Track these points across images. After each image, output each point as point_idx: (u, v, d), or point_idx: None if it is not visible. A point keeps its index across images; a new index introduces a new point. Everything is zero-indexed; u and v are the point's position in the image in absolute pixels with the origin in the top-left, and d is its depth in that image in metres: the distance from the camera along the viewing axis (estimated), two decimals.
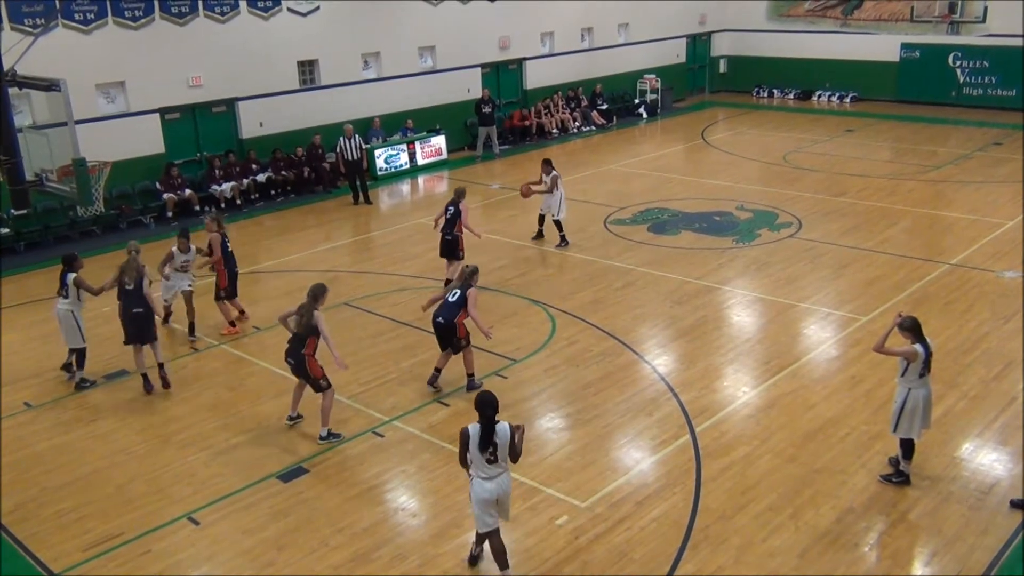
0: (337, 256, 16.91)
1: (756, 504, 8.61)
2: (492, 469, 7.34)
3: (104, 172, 13.05)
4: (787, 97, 32.84)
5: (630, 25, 30.60)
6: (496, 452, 7.27)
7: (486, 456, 7.27)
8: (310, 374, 9.93)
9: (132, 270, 11.31)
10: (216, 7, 20.24)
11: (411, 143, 23.72)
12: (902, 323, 8.51)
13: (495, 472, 7.37)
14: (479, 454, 7.26)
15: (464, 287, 10.80)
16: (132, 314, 11.30)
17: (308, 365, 9.90)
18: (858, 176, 21.05)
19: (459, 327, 10.79)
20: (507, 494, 7.52)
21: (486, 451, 7.25)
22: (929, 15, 29.40)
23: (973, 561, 7.74)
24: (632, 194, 20.23)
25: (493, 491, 7.37)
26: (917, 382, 8.52)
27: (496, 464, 7.34)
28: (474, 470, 7.38)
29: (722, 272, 15.03)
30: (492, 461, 7.31)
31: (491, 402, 7.26)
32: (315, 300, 9.93)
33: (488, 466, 7.33)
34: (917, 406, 8.53)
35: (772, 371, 11.41)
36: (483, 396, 7.33)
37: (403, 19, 23.85)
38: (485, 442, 7.23)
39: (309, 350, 9.89)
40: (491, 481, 7.36)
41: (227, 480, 9.40)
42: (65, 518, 8.88)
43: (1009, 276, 14.24)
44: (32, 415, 11.08)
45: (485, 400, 7.28)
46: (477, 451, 7.26)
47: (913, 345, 8.44)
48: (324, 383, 10.00)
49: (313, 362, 9.94)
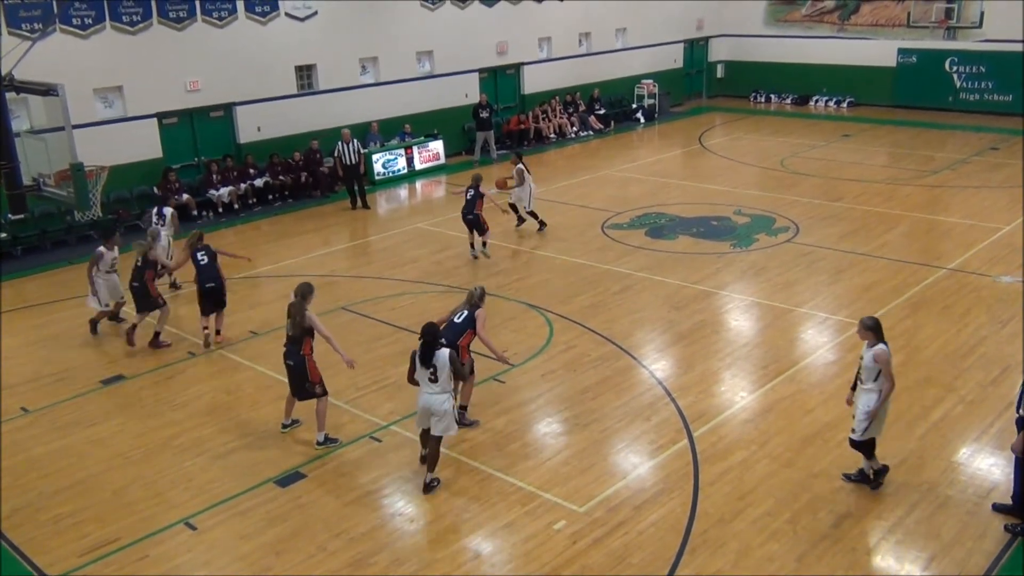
0: (335, 261, 16.91)
1: (754, 509, 8.61)
2: (432, 387, 8.85)
3: (101, 177, 13.12)
4: (784, 102, 32.90)
5: (628, 30, 30.66)
6: (436, 373, 8.80)
7: (427, 375, 8.81)
8: (308, 376, 9.87)
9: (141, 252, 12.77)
10: (214, 12, 20.26)
11: (409, 148, 23.74)
12: (864, 321, 8.65)
13: (435, 390, 8.85)
14: (423, 371, 8.85)
15: (472, 308, 10.04)
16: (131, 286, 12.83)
17: (308, 367, 9.86)
18: (855, 181, 21.08)
19: (463, 351, 9.89)
20: (443, 412, 8.91)
21: (427, 370, 8.80)
22: (926, 20, 29.47)
23: (971, 565, 7.74)
24: (630, 199, 20.25)
25: (426, 404, 8.91)
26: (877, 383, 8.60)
27: (436, 383, 8.83)
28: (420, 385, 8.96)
29: (719, 276, 15.04)
30: (433, 380, 8.81)
31: (430, 331, 8.91)
32: (304, 299, 9.88)
33: (429, 384, 8.85)
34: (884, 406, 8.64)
35: (770, 376, 11.41)
36: (425, 326, 8.95)
37: (401, 24, 23.89)
38: (425, 362, 8.80)
39: (307, 350, 9.87)
40: (430, 396, 8.88)
41: (224, 485, 9.39)
42: (62, 523, 8.86)
43: (1006, 281, 14.26)
44: (29, 420, 11.05)
45: (426, 329, 8.92)
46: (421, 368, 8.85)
47: (883, 348, 8.53)
48: (319, 389, 9.94)
49: (312, 364, 9.90)
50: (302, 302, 9.85)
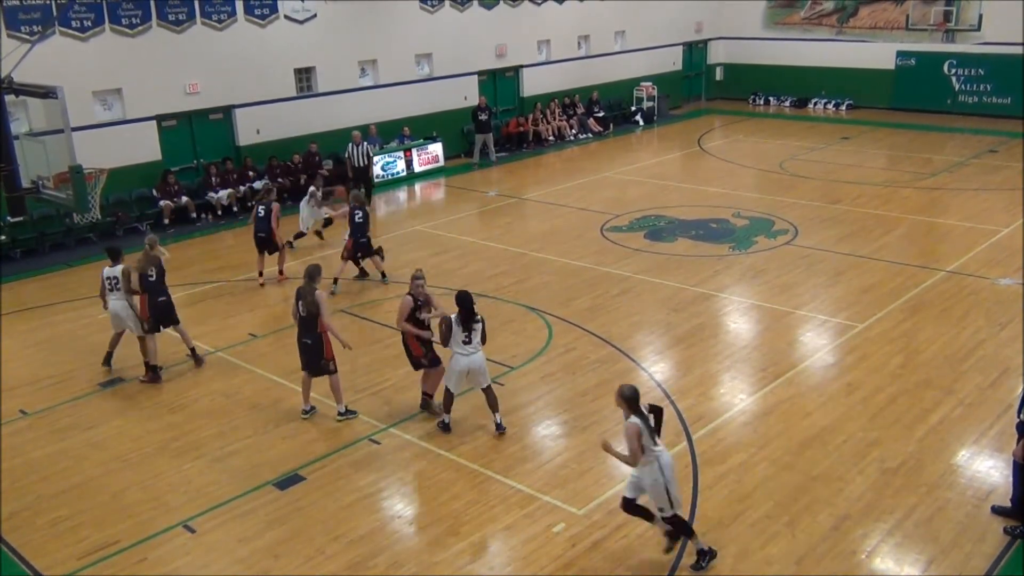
0: (334, 262, 16.88)
1: (753, 512, 8.60)
2: (469, 348, 9.81)
3: (101, 179, 13.09)
4: (783, 105, 32.92)
5: (626, 33, 30.68)
6: (472, 336, 9.78)
7: (464, 337, 9.76)
8: (323, 353, 10.40)
9: (151, 263, 11.84)
10: (213, 15, 20.27)
11: (408, 150, 23.73)
12: (620, 390, 7.51)
13: (473, 350, 9.84)
14: (461, 335, 9.74)
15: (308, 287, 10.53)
16: (156, 303, 11.87)
17: (324, 343, 10.40)
18: (854, 183, 21.09)
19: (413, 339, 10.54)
20: (485, 365, 10.01)
21: (465, 333, 9.75)
22: (925, 23, 29.49)
23: (970, 568, 7.73)
24: (629, 201, 20.25)
25: (467, 365, 9.86)
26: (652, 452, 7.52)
27: (471, 344, 9.80)
28: (454, 348, 9.83)
29: (718, 279, 15.05)
30: (467, 342, 9.77)
31: (469, 298, 9.84)
32: (312, 279, 10.43)
33: (465, 346, 9.79)
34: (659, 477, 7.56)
35: (768, 378, 11.41)
36: (463, 294, 9.80)
37: (400, 26, 23.90)
38: (467, 326, 9.74)
39: (322, 328, 10.39)
40: (474, 355, 9.85)
41: (223, 488, 9.38)
42: (60, 526, 8.85)
43: (1005, 283, 14.27)
44: (27, 423, 11.05)
45: (465, 296, 9.80)
46: (458, 332, 9.73)
47: (633, 422, 7.42)
48: (332, 366, 10.48)
49: (328, 340, 10.45)
50: (311, 283, 10.37)
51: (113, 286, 11.88)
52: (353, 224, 14.76)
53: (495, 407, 10.18)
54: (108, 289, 11.93)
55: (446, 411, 10.24)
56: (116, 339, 12.29)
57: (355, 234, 14.78)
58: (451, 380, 10.08)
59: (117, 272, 11.86)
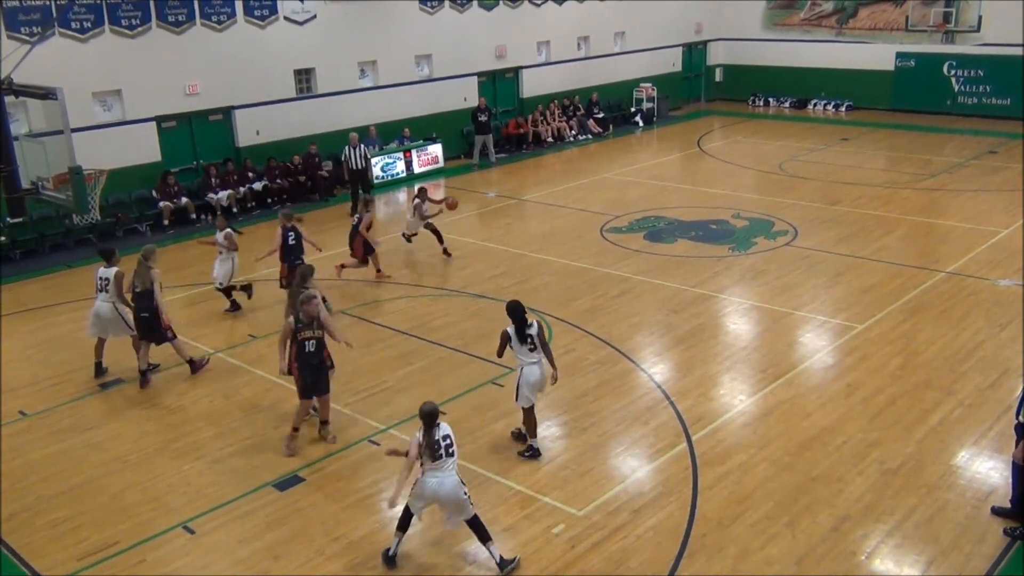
0: (332, 264, 16.88)
1: (753, 512, 8.60)
2: (535, 355, 9.44)
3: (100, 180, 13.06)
4: (783, 106, 32.93)
5: (626, 34, 30.69)
6: (534, 342, 9.40)
7: (527, 347, 9.39)
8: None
9: (137, 276, 11.58)
10: (213, 16, 20.28)
11: (407, 151, 23.74)
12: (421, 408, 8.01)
13: (538, 358, 9.45)
14: (522, 347, 9.39)
15: None
16: (138, 316, 11.68)
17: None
18: (854, 184, 21.10)
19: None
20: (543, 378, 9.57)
21: (525, 344, 9.38)
22: (924, 24, 29.50)
23: (970, 569, 7.73)
24: (628, 202, 20.25)
25: (541, 373, 9.47)
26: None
27: (536, 351, 9.43)
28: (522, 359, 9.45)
29: (718, 280, 15.05)
30: (533, 350, 9.42)
31: (521, 307, 9.49)
32: (304, 280, 10.52)
33: (532, 354, 9.42)
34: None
35: (768, 379, 11.41)
36: (515, 304, 9.48)
37: (400, 28, 23.90)
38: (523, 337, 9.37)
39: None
40: (537, 366, 9.45)
41: (222, 489, 9.37)
42: (60, 527, 8.84)
43: (1004, 284, 14.27)
44: (27, 424, 11.04)
45: (517, 307, 9.46)
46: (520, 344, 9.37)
47: (415, 437, 7.89)
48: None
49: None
50: (302, 282, 10.49)
51: (103, 287, 11.76)
52: (286, 247, 13.67)
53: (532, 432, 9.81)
54: (98, 289, 11.85)
55: (532, 435, 9.75)
56: (99, 347, 12.15)
57: (289, 257, 13.66)
58: (530, 394, 9.57)
59: (110, 274, 11.72)
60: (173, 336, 11.96)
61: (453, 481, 7.77)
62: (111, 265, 11.81)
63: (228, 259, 14.09)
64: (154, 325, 11.67)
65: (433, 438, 7.79)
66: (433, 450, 7.76)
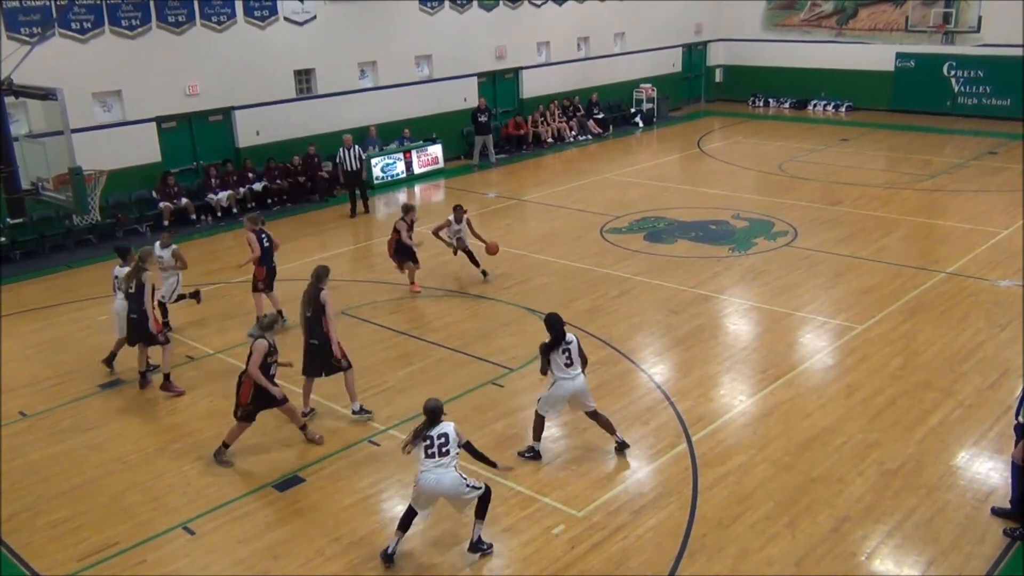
0: (333, 265, 16.63)
1: (753, 513, 8.60)
2: (572, 371, 9.25)
3: (100, 181, 13.07)
4: (783, 106, 32.93)
5: (626, 34, 30.69)
6: (571, 356, 9.23)
7: (565, 360, 9.18)
8: (333, 353, 10.37)
9: (132, 276, 11.43)
10: (213, 16, 20.28)
11: (407, 152, 23.74)
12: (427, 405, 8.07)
13: (574, 373, 9.25)
14: (561, 358, 9.18)
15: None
16: (129, 317, 11.52)
17: (332, 343, 10.37)
18: (853, 185, 21.10)
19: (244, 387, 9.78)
20: (583, 391, 9.37)
21: (564, 355, 9.19)
22: (924, 25, 29.51)
23: (970, 569, 7.73)
24: (628, 203, 20.26)
25: (571, 389, 9.24)
26: None
27: (573, 366, 9.23)
28: (556, 373, 9.24)
29: (718, 281, 15.05)
30: (570, 364, 9.22)
31: (559, 319, 9.36)
32: (319, 280, 10.46)
33: (568, 369, 9.22)
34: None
35: (768, 380, 11.41)
36: (554, 317, 9.35)
37: (400, 28, 23.91)
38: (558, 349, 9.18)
39: (327, 327, 10.37)
40: (571, 381, 9.23)
41: (222, 489, 9.38)
42: (60, 527, 8.84)
43: (1004, 285, 14.27)
44: (27, 424, 11.04)
45: (556, 319, 9.33)
46: (558, 357, 9.17)
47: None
48: (345, 363, 10.46)
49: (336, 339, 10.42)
50: (317, 282, 10.41)
51: (119, 285, 11.86)
52: (262, 251, 13.12)
53: (611, 428, 9.68)
54: (115, 288, 11.93)
55: (536, 439, 9.68)
56: (120, 343, 12.16)
57: (265, 260, 13.19)
58: (550, 407, 9.47)
59: (123, 273, 11.80)
60: (165, 341, 11.65)
61: (451, 477, 7.82)
62: (126, 264, 11.84)
63: (173, 275, 13.30)
64: (143, 326, 11.45)
65: (426, 433, 7.91)
66: (425, 445, 7.89)
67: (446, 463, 7.85)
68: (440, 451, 7.87)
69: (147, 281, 11.36)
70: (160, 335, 11.59)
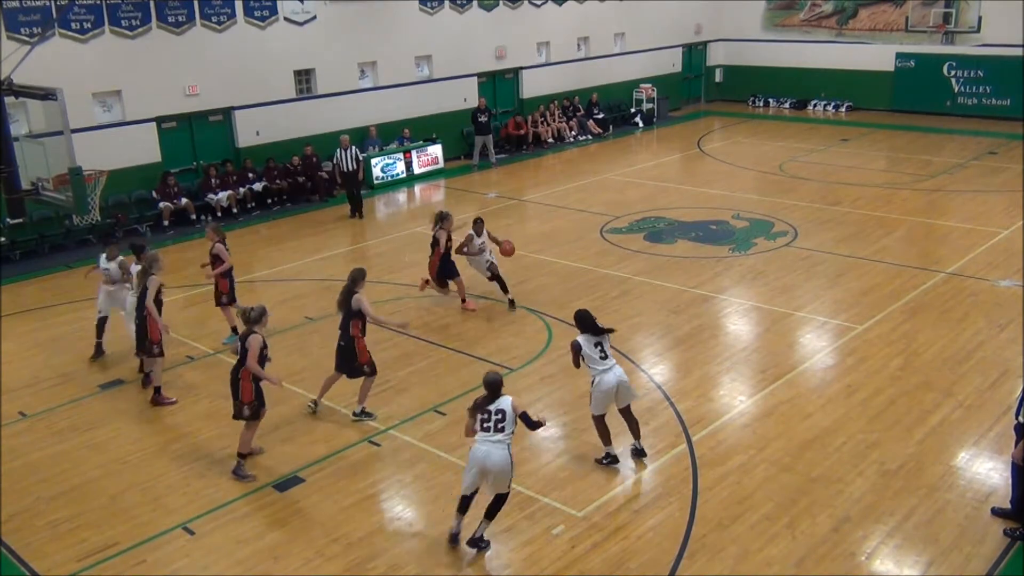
0: (333, 265, 16.89)
1: (753, 513, 8.60)
2: (608, 362, 9.20)
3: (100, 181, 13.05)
4: (782, 107, 32.93)
5: (626, 35, 30.69)
6: (604, 349, 9.21)
7: (599, 354, 9.14)
8: (357, 357, 10.41)
9: (140, 280, 11.36)
10: (213, 16, 20.28)
11: (407, 152, 23.74)
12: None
13: (611, 364, 9.21)
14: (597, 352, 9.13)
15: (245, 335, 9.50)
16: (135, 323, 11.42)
17: (357, 348, 10.40)
18: (853, 185, 21.10)
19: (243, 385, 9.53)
20: (625, 381, 9.32)
21: (596, 348, 9.14)
22: (924, 25, 29.52)
23: (970, 570, 7.73)
24: (628, 203, 20.26)
25: (614, 380, 9.15)
26: None
27: (608, 358, 9.21)
28: (594, 368, 9.18)
29: (718, 281, 15.05)
30: (604, 357, 9.18)
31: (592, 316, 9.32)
32: (354, 283, 10.45)
33: (604, 361, 9.16)
34: None
35: (768, 380, 11.41)
36: (586, 314, 9.30)
37: (399, 28, 23.91)
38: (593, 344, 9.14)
39: (356, 331, 10.37)
40: (610, 372, 9.15)
41: (222, 490, 9.37)
42: (59, 528, 8.84)
43: (1004, 285, 14.27)
44: (27, 424, 11.04)
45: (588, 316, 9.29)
46: (592, 351, 9.12)
47: None
48: (368, 369, 10.49)
49: (362, 345, 10.43)
50: (352, 286, 10.42)
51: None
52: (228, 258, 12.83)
53: (637, 431, 9.60)
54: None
55: (607, 443, 9.49)
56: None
57: (229, 273, 12.91)
58: (602, 405, 9.32)
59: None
60: (159, 353, 11.33)
61: (501, 455, 7.88)
62: (139, 262, 11.79)
63: (122, 290, 12.36)
64: (142, 334, 11.27)
65: (485, 407, 8.01)
66: (482, 419, 8.00)
67: (500, 439, 7.92)
68: (496, 426, 7.94)
69: (151, 286, 11.19)
70: (156, 346, 11.26)
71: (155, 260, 11.44)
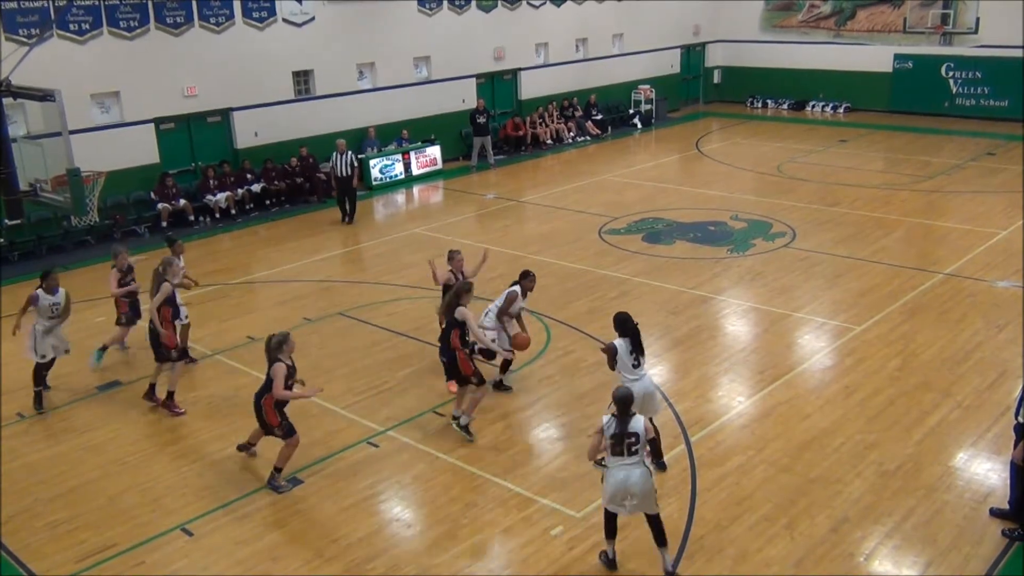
0: (331, 266, 16.90)
1: (751, 514, 8.60)
2: (639, 371, 8.97)
3: (98, 182, 13.07)
4: (781, 107, 32.95)
5: (624, 36, 30.70)
6: (639, 358, 9.00)
7: (632, 361, 8.91)
8: (461, 370, 10.07)
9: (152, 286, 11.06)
10: (211, 17, 20.27)
11: (406, 153, 23.74)
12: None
13: (641, 374, 8.99)
14: (629, 359, 8.91)
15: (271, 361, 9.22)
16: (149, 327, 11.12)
17: (458, 360, 10.04)
18: (852, 186, 21.12)
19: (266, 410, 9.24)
20: (652, 392, 9.20)
21: (632, 356, 8.92)
22: (922, 26, 29.54)
23: (968, 570, 7.74)
24: (627, 204, 20.26)
25: (641, 390, 8.79)
26: None
27: (640, 367, 9.00)
28: (625, 375, 8.90)
29: (716, 282, 15.05)
30: (637, 366, 8.96)
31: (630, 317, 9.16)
32: (458, 297, 10.06)
33: (636, 370, 8.93)
34: None
35: (767, 381, 11.42)
36: (626, 317, 9.16)
37: (398, 29, 23.91)
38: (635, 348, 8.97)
39: (456, 343, 10.05)
40: (640, 382, 8.88)
41: (221, 490, 9.37)
42: (58, 529, 8.83)
43: (1003, 286, 14.28)
44: (25, 425, 11.03)
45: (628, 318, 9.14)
46: (627, 357, 8.90)
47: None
48: (476, 380, 10.08)
49: (462, 357, 10.06)
50: (456, 299, 10.06)
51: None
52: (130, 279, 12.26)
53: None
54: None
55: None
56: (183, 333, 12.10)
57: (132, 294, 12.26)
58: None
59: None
60: (177, 358, 11.12)
61: (641, 472, 7.45)
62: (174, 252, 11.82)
63: (59, 326, 11.58)
64: (155, 341, 11.07)
65: (625, 430, 7.42)
66: (612, 444, 7.46)
67: (635, 461, 7.46)
68: (628, 450, 7.46)
69: (162, 291, 10.98)
70: (173, 351, 11.05)
71: (169, 264, 11.25)
